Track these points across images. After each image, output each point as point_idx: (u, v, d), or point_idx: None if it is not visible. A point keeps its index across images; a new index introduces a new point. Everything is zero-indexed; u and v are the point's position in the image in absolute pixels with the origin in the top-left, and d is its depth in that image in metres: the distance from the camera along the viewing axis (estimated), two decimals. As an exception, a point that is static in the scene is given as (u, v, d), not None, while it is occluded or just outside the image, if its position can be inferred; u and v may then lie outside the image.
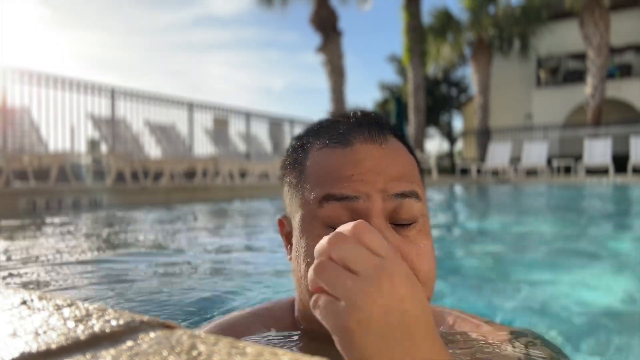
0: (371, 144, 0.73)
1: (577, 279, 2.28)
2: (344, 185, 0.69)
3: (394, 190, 0.69)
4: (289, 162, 0.80)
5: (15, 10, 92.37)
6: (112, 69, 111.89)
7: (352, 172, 0.70)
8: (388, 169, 0.71)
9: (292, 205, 0.77)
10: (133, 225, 4.37)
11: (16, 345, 0.36)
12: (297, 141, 0.82)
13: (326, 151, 0.74)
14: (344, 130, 0.75)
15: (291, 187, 0.78)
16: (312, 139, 0.78)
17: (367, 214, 0.67)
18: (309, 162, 0.75)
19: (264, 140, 12.92)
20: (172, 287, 1.76)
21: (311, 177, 0.73)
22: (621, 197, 8.32)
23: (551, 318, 1.70)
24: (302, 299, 0.75)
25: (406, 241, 0.69)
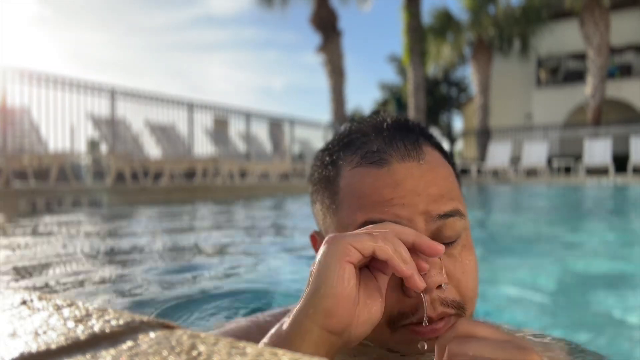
0: (409, 161, 0.69)
1: (578, 279, 2.28)
2: (384, 211, 0.65)
3: (436, 211, 0.66)
4: (320, 178, 0.76)
5: (15, 10, 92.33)
6: (112, 69, 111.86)
7: (391, 196, 0.66)
8: (429, 189, 0.67)
9: (325, 226, 0.74)
10: (133, 225, 4.37)
11: (16, 345, 0.36)
12: (326, 154, 0.77)
13: (361, 172, 0.70)
14: (378, 146, 0.70)
15: (324, 206, 0.74)
16: (342, 154, 0.74)
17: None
18: (343, 182, 0.71)
19: (264, 140, 12.93)
20: (173, 287, 1.76)
21: (347, 199, 0.70)
22: (621, 197, 8.32)
23: (551, 318, 1.70)
24: None
25: (452, 260, 0.67)
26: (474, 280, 0.68)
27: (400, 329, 0.65)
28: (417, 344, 0.64)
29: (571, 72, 19.92)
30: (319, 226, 0.78)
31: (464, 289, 0.66)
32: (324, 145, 0.80)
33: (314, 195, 0.78)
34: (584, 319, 1.71)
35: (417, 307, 0.63)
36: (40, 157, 7.14)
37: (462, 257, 0.68)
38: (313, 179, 0.79)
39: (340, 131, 0.79)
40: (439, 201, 0.67)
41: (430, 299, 0.62)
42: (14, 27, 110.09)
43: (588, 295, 2.03)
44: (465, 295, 0.66)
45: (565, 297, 2.02)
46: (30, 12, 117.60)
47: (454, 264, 0.67)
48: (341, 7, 19.34)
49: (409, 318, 0.63)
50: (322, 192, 0.75)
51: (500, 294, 1.98)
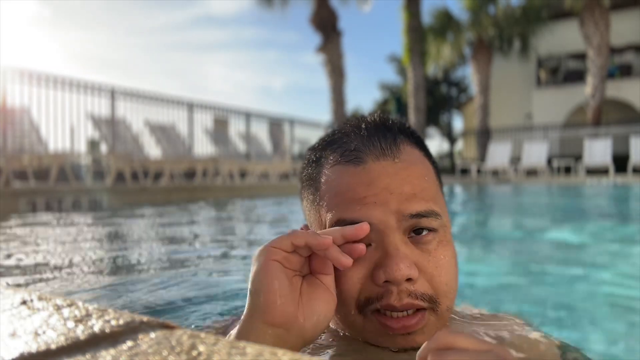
0: (384, 160, 0.71)
1: (577, 278, 2.28)
2: (355, 209, 0.68)
3: (408, 210, 0.68)
4: (305, 176, 0.80)
5: (15, 10, 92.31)
6: (111, 69, 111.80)
7: (365, 194, 0.68)
8: (402, 187, 0.69)
9: (310, 220, 0.78)
10: (133, 225, 4.37)
11: (16, 345, 0.36)
12: (312, 153, 0.81)
13: (338, 169, 0.73)
14: (355, 145, 0.73)
15: (308, 202, 0.78)
16: (325, 152, 0.77)
17: (381, 234, 0.67)
18: (322, 179, 0.75)
19: (264, 140, 12.93)
20: (173, 287, 1.76)
21: (325, 197, 0.73)
22: (621, 197, 8.32)
23: (550, 319, 1.70)
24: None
25: (424, 255, 0.69)
26: (449, 274, 0.70)
27: (370, 318, 0.68)
28: (389, 337, 0.67)
29: (571, 72, 19.91)
30: (307, 221, 0.81)
31: (437, 283, 0.68)
32: (313, 145, 0.83)
33: (302, 192, 0.82)
34: (583, 319, 1.71)
35: (383, 294, 0.66)
36: (40, 157, 7.14)
37: (437, 253, 0.69)
38: (301, 177, 0.82)
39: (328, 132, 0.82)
40: (411, 200, 0.68)
41: (397, 289, 0.65)
42: (14, 27, 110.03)
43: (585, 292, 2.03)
44: (438, 289, 0.68)
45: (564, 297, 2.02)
46: (30, 12, 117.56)
47: (428, 258, 0.68)
48: (341, 7, 19.34)
49: (374, 304, 0.66)
50: (307, 188, 0.79)
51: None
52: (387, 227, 0.67)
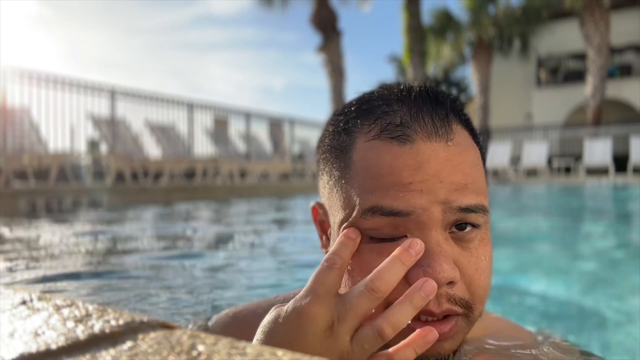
0: (436, 141, 0.60)
1: (578, 277, 2.28)
2: (397, 197, 0.58)
3: (457, 202, 0.59)
4: (331, 146, 0.68)
5: (15, 10, 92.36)
6: (111, 69, 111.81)
7: (410, 180, 0.58)
8: (453, 176, 0.59)
9: (332, 200, 0.66)
10: (133, 225, 4.37)
11: (16, 345, 0.36)
12: (341, 120, 0.68)
13: (379, 146, 0.61)
14: (403, 119, 0.61)
15: (332, 178, 0.66)
16: (360, 121, 0.65)
17: (422, 226, 0.58)
18: (356, 155, 0.63)
19: (264, 140, 12.93)
20: (173, 287, 1.76)
21: (359, 176, 0.61)
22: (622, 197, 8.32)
23: (549, 319, 1.70)
24: None
25: (466, 254, 0.60)
26: (487, 278, 0.62)
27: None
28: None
29: (571, 72, 19.91)
30: (322, 195, 0.71)
31: (476, 287, 0.60)
32: (340, 109, 0.71)
33: (321, 164, 0.70)
34: (582, 320, 1.71)
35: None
36: (40, 157, 7.14)
37: (479, 253, 0.61)
38: (323, 146, 0.70)
39: (360, 96, 0.70)
40: (462, 191, 0.59)
41: (437, 294, 0.56)
42: (14, 27, 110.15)
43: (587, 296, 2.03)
44: (476, 293, 0.60)
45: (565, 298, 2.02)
46: (30, 12, 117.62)
47: (469, 259, 0.60)
48: (341, 7, 19.36)
49: None
50: (331, 162, 0.67)
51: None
52: (431, 220, 0.58)
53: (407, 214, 0.57)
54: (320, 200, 0.72)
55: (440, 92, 0.66)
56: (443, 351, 0.59)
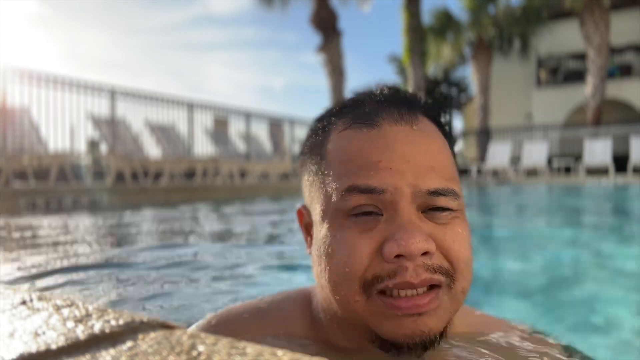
0: (402, 125, 0.64)
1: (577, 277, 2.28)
2: (369, 175, 0.61)
3: (425, 185, 0.61)
4: (309, 146, 0.73)
5: (15, 10, 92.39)
6: (111, 68, 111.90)
7: (379, 158, 0.62)
8: (419, 157, 0.62)
9: (312, 194, 0.69)
10: (132, 225, 4.36)
11: (16, 345, 0.36)
12: (318, 123, 0.73)
13: (349, 133, 0.66)
14: (370, 109, 0.67)
15: (311, 174, 0.70)
16: (334, 119, 0.70)
17: (395, 205, 0.61)
18: (330, 145, 0.67)
19: (264, 140, 12.92)
20: (173, 287, 1.76)
21: (333, 163, 0.66)
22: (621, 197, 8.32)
23: (548, 319, 1.70)
24: (324, 294, 0.68)
25: (441, 228, 0.62)
26: (466, 250, 0.63)
27: (375, 298, 0.60)
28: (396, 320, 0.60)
29: (571, 72, 19.90)
30: (305, 198, 0.73)
31: (454, 258, 0.61)
32: (318, 117, 0.75)
33: (302, 166, 0.74)
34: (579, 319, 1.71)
35: (395, 271, 0.59)
36: (40, 157, 7.14)
37: (454, 227, 0.63)
38: (303, 148, 0.75)
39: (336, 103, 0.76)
40: (429, 174, 0.62)
41: (413, 265, 0.59)
42: (14, 27, 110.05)
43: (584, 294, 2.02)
44: (455, 264, 0.61)
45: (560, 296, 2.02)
46: (30, 12, 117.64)
47: (444, 232, 0.62)
48: (341, 7, 19.31)
49: (383, 282, 0.59)
50: (310, 159, 0.71)
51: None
52: (401, 197, 0.60)
53: (382, 190, 0.61)
54: (305, 201, 0.74)
55: (411, 94, 0.71)
56: (427, 329, 0.60)
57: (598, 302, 1.91)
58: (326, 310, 0.70)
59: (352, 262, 0.60)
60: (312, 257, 0.70)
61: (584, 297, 2.00)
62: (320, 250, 0.65)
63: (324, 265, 0.64)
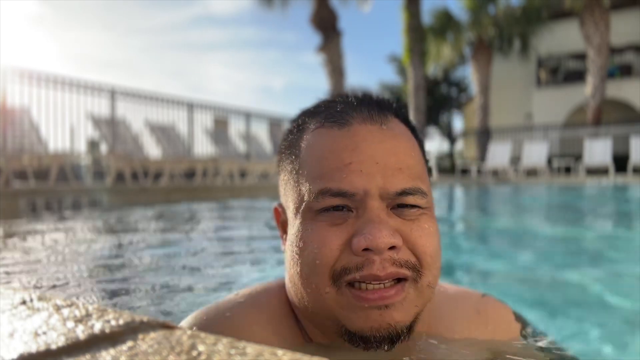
0: (370, 124, 0.67)
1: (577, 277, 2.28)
2: (341, 178, 0.63)
3: (393, 188, 0.64)
4: (285, 145, 0.75)
5: (15, 10, 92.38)
6: (111, 68, 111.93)
7: (350, 160, 0.64)
8: (388, 158, 0.65)
9: (287, 192, 0.72)
10: (132, 225, 4.36)
11: (16, 345, 0.36)
12: (293, 123, 0.76)
13: (321, 132, 0.69)
14: (341, 109, 0.69)
15: (286, 173, 0.73)
16: (308, 119, 0.73)
17: (364, 204, 0.64)
18: (304, 144, 0.70)
19: (264, 140, 12.92)
20: (173, 287, 1.76)
21: (306, 162, 0.68)
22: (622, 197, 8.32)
23: (548, 319, 1.70)
24: (295, 289, 0.69)
25: (408, 223, 0.65)
26: (433, 245, 0.66)
27: (344, 290, 0.63)
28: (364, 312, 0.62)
29: (571, 72, 19.90)
30: (280, 196, 0.76)
31: (421, 253, 0.64)
32: (294, 119, 0.78)
33: (279, 164, 0.76)
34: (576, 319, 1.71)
35: (362, 264, 0.61)
36: (40, 157, 7.14)
37: (421, 223, 0.65)
38: (280, 148, 0.77)
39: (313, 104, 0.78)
40: (397, 175, 0.64)
41: (380, 258, 0.61)
42: (14, 27, 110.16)
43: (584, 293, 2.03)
44: (422, 259, 0.64)
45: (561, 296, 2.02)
46: (30, 12, 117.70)
47: (411, 227, 0.64)
48: (341, 7, 19.33)
49: (351, 274, 0.62)
50: (285, 158, 0.74)
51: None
52: (369, 195, 0.63)
53: (352, 194, 0.63)
54: (280, 199, 0.76)
55: (383, 98, 0.74)
56: (393, 321, 0.62)
57: (595, 301, 1.91)
58: (298, 306, 0.72)
59: (323, 254, 0.63)
60: (285, 254, 0.72)
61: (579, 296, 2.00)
62: (293, 245, 0.67)
63: (296, 259, 0.66)
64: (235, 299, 0.78)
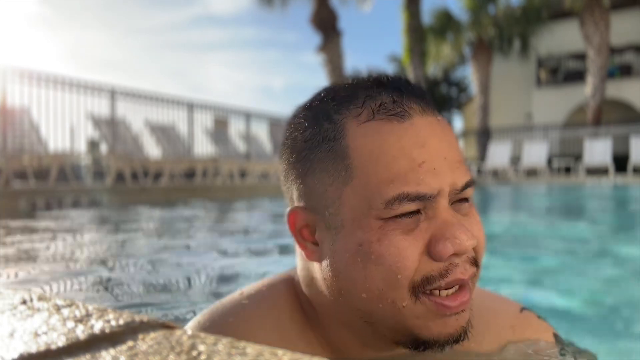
0: (428, 115, 0.61)
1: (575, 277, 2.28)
2: (419, 181, 0.57)
3: (462, 181, 0.60)
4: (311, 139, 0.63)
5: (15, 10, 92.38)
6: (111, 68, 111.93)
7: (422, 158, 0.58)
8: (451, 152, 0.61)
9: (325, 197, 0.62)
10: (133, 225, 4.36)
11: (16, 345, 0.36)
12: (315, 112, 0.64)
13: (377, 126, 0.59)
14: (394, 97, 0.60)
15: (322, 173, 0.62)
16: (342, 108, 0.62)
17: (434, 203, 0.59)
18: (353, 142, 0.60)
19: (264, 140, 12.92)
20: (173, 287, 1.76)
21: (366, 165, 0.59)
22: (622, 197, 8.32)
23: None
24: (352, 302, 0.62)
25: (468, 219, 0.62)
26: (485, 238, 0.64)
27: (423, 300, 0.59)
28: (441, 319, 0.59)
29: (571, 72, 19.90)
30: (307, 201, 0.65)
31: (480, 247, 0.62)
32: (307, 103, 0.67)
33: (303, 163, 0.64)
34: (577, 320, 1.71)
35: (447, 270, 0.58)
36: (40, 157, 7.14)
37: (474, 216, 0.64)
38: (296, 144, 0.65)
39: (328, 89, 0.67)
40: (460, 169, 0.61)
41: (461, 261, 0.59)
42: (14, 27, 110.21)
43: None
44: (480, 253, 0.63)
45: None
46: (30, 12, 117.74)
47: (470, 222, 0.62)
48: (341, 7, 19.31)
49: (436, 282, 0.58)
50: (319, 156, 0.62)
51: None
52: (441, 194, 0.59)
53: (430, 196, 0.58)
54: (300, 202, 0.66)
55: (406, 80, 0.65)
56: (465, 323, 0.61)
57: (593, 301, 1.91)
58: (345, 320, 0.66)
59: (404, 267, 0.57)
60: (318, 266, 0.64)
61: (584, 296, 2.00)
62: (356, 259, 0.59)
63: (364, 274, 0.59)
64: (240, 300, 0.73)
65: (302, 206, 0.65)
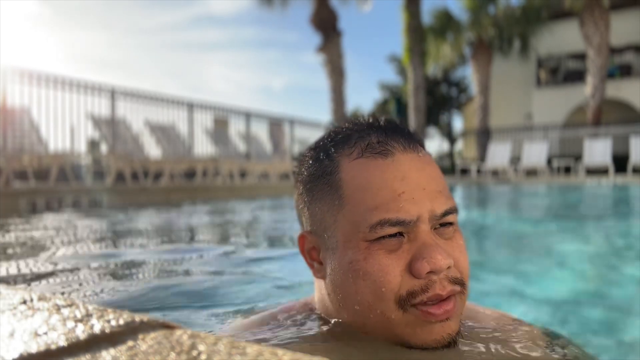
0: (410, 152, 0.71)
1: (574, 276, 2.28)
2: (398, 208, 0.67)
3: (440, 209, 0.69)
4: (315, 175, 0.75)
5: (15, 10, 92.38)
6: (111, 68, 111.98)
7: (402, 189, 0.68)
8: (431, 184, 0.70)
9: (325, 225, 0.73)
10: (132, 224, 4.36)
11: (16, 345, 0.36)
12: (319, 151, 0.76)
13: (365, 163, 0.70)
14: (379, 138, 0.71)
15: (323, 204, 0.73)
16: (339, 148, 0.74)
17: (416, 228, 0.68)
18: (345, 175, 0.71)
19: (264, 140, 12.92)
20: (173, 287, 1.76)
21: (354, 194, 0.70)
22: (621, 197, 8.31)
23: (548, 318, 1.70)
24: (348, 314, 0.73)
25: (449, 243, 0.70)
26: (467, 260, 0.72)
27: (410, 310, 0.67)
28: (428, 327, 0.67)
29: (571, 72, 19.90)
30: (312, 226, 0.76)
31: (462, 267, 0.70)
32: (313, 144, 0.80)
33: (308, 194, 0.76)
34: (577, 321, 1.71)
35: (427, 286, 0.66)
36: (40, 157, 7.14)
37: (457, 239, 0.72)
38: (303, 178, 0.78)
39: (329, 131, 0.79)
40: (439, 198, 0.69)
41: (439, 279, 0.67)
42: (14, 27, 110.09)
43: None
44: (464, 272, 0.70)
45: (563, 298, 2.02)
46: (30, 12, 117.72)
47: (452, 246, 0.70)
48: (341, 7, 19.34)
49: (419, 296, 0.67)
50: (319, 188, 0.74)
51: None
52: (421, 220, 0.68)
53: (409, 222, 0.67)
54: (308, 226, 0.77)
55: (399, 123, 0.77)
56: (451, 331, 0.69)
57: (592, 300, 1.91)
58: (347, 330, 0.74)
59: (387, 281, 0.67)
60: (323, 283, 0.75)
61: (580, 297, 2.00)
62: (347, 275, 0.69)
63: (355, 288, 0.69)
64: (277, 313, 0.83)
65: (309, 230, 0.77)
